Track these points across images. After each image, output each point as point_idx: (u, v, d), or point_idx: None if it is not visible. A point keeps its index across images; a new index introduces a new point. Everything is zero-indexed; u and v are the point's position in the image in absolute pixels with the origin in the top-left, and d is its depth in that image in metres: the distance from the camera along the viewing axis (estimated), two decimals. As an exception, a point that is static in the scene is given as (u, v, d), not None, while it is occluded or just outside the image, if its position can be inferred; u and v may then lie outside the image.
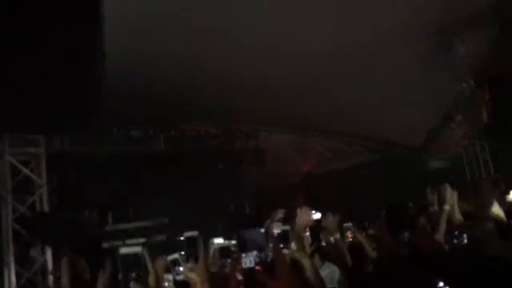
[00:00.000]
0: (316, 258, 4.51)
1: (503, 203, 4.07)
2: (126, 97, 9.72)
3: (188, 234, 3.11)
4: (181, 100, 10.55)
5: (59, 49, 4.59)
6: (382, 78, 10.01)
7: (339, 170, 14.26)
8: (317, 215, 3.74)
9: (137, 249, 7.53)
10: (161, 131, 11.68)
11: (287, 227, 3.14)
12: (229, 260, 3.54)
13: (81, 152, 10.30)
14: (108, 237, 9.88)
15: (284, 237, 3.02)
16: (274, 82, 10.12)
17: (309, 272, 2.78)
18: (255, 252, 2.98)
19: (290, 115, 12.06)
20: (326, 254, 4.72)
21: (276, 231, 3.09)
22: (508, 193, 5.92)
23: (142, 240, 9.75)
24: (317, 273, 2.80)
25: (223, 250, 3.81)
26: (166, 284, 3.95)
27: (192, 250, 2.98)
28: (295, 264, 2.83)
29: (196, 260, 2.89)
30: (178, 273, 3.38)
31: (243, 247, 3.01)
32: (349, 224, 6.07)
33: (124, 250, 8.05)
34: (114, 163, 10.77)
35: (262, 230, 3.10)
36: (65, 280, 3.14)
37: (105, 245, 9.57)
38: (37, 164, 7.93)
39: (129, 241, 9.81)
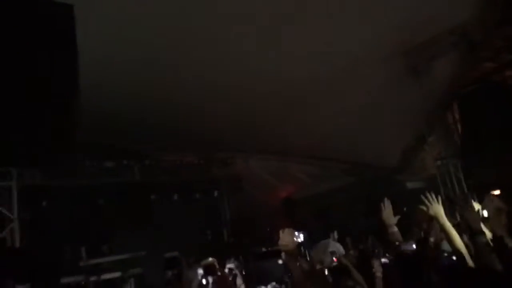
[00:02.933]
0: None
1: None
2: (100, 128, 9.60)
3: (170, 254, 3.04)
4: (155, 130, 10.47)
5: (34, 81, 4.52)
6: (356, 102, 10.16)
7: (316, 194, 14.27)
8: (301, 237, 3.70)
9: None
10: (136, 162, 11.52)
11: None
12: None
13: (54, 185, 10.03)
14: (83, 273, 9.55)
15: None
16: (249, 110, 10.17)
17: None
18: (274, 283, 2.94)
19: (266, 141, 12.10)
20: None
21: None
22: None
23: (118, 274, 9.46)
24: None
25: (207, 268, 3.74)
26: None
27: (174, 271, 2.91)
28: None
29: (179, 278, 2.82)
30: None
31: (262, 278, 2.97)
32: (333, 249, 6.04)
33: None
34: (87, 195, 10.53)
35: (280, 262, 3.06)
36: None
37: (79, 280, 9.25)
38: (7, 198, 7.69)
39: (104, 276, 9.51)
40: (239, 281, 4.09)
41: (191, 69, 8.55)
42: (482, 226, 2.92)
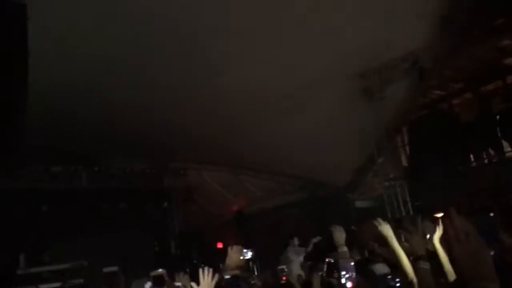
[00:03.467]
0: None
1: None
2: (48, 131, 9.27)
3: (108, 269, 2.94)
4: (106, 136, 10.22)
5: None
6: (311, 120, 10.34)
7: (269, 208, 14.32)
8: (249, 254, 3.68)
9: None
10: (83, 168, 11.16)
11: (236, 272, 3.08)
12: None
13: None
14: (20, 282, 9.10)
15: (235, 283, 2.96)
16: (206, 121, 10.11)
17: None
18: None
19: (221, 154, 12.06)
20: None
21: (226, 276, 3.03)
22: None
23: (57, 284, 9.08)
24: None
25: (156, 279, 3.65)
26: None
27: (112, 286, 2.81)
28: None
29: None
30: None
31: None
32: (283, 266, 6.09)
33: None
34: (30, 200, 10.10)
35: None
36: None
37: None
38: None
39: (43, 286, 9.10)
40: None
41: (148, 75, 8.42)
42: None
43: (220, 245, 12.65)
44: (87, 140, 10.23)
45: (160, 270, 3.96)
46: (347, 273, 2.91)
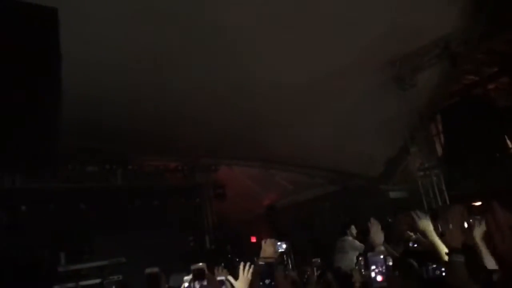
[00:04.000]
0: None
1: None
2: (84, 133, 9.49)
3: (149, 270, 3.00)
4: (140, 136, 10.38)
5: (18, 85, 4.45)
6: (341, 111, 10.23)
7: (300, 202, 14.28)
8: (283, 247, 3.67)
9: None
10: (118, 166, 11.38)
11: (271, 260, 3.07)
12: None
13: (34, 188, 9.85)
14: (61, 278, 9.36)
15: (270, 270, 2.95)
16: (234, 116, 10.15)
17: None
18: None
19: (251, 148, 12.08)
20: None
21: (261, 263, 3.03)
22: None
23: (97, 280, 9.29)
24: None
25: (196, 272, 3.70)
26: None
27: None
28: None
29: None
30: None
31: None
32: (317, 259, 6.05)
33: None
34: (68, 200, 10.37)
35: None
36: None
37: (57, 287, 9.06)
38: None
39: (83, 282, 9.33)
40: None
41: (177, 75, 8.51)
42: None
43: (253, 239, 12.71)
44: (120, 140, 10.43)
45: (200, 264, 4.00)
46: (377, 267, 2.86)
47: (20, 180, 9.78)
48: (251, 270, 3.55)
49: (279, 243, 3.47)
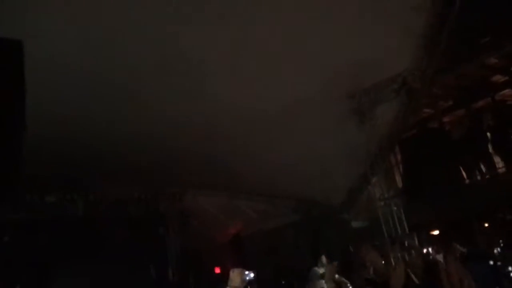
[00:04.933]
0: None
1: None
2: (41, 159, 9.27)
3: None
4: (101, 162, 10.23)
5: None
6: (304, 141, 10.42)
7: (265, 230, 14.30)
8: (251, 275, 3.69)
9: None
10: (79, 196, 11.14)
11: None
12: None
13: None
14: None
15: None
16: (199, 145, 10.17)
17: None
18: None
19: (215, 177, 12.07)
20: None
21: None
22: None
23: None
24: None
25: None
26: None
27: None
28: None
29: None
30: None
31: None
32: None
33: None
34: (27, 231, 10.04)
35: None
36: None
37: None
38: None
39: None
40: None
41: (141, 101, 8.52)
42: None
43: (217, 270, 12.59)
44: (81, 168, 10.23)
45: None
46: None
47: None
48: None
49: (246, 272, 3.51)
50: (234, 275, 3.34)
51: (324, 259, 7.63)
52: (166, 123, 9.30)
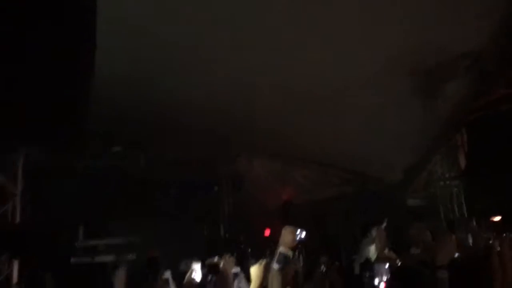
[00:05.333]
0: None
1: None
2: (110, 112, 9.67)
3: (150, 254, 3.12)
4: (162, 124, 10.53)
5: (51, 64, 4.58)
6: (365, 114, 10.21)
7: (316, 200, 14.31)
8: (303, 234, 3.71)
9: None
10: (142, 151, 11.60)
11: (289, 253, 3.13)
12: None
13: (58, 165, 10.15)
14: (78, 253, 9.68)
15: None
16: (259, 110, 10.21)
17: None
18: None
19: (272, 143, 12.14)
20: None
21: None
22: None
23: (111, 258, 9.58)
24: None
25: (211, 267, 3.83)
26: None
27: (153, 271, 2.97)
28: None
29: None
30: None
31: None
32: (325, 257, 6.16)
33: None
34: (90, 178, 10.65)
35: None
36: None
37: (73, 260, 9.38)
38: (13, 173, 7.75)
39: (98, 258, 9.63)
40: (242, 284, 4.18)
41: (202, 67, 8.62)
42: None
43: (267, 233, 12.83)
44: (144, 128, 10.57)
45: (215, 259, 4.12)
46: (380, 275, 2.92)
47: (45, 154, 10.09)
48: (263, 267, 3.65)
49: (298, 231, 3.52)
50: (287, 232, 3.37)
51: (374, 232, 7.57)
52: (225, 88, 9.38)
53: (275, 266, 3.09)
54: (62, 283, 6.67)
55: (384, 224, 6.68)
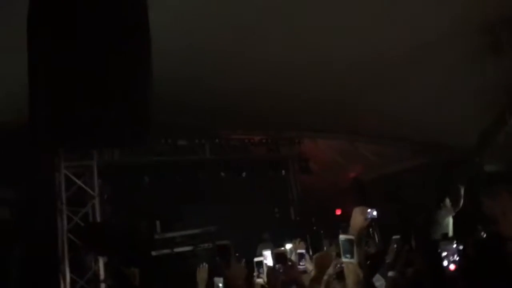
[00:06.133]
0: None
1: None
2: (171, 106, 9.92)
3: (220, 242, 3.16)
4: (225, 110, 10.65)
5: (113, 68, 4.65)
6: (431, 79, 9.72)
7: (386, 174, 13.94)
8: (374, 213, 3.57)
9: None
10: (206, 140, 11.85)
11: (351, 237, 3.06)
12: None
13: (130, 162, 10.62)
14: (157, 246, 10.11)
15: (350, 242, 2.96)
16: (319, 88, 10.04)
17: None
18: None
19: (335, 121, 11.91)
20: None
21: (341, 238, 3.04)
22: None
23: (189, 248, 9.92)
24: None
25: (278, 256, 3.86)
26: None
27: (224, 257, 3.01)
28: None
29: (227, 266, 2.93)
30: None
31: None
32: (397, 237, 5.95)
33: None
34: (162, 172, 11.04)
35: None
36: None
37: (154, 253, 9.80)
38: (89, 176, 8.23)
39: (177, 249, 10.01)
40: (308, 266, 4.16)
41: (258, 47, 8.53)
42: None
43: (338, 212, 12.71)
44: (207, 116, 10.75)
45: (282, 248, 4.13)
46: (448, 255, 2.72)
47: (117, 154, 10.60)
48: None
49: (369, 210, 3.41)
50: (356, 213, 3.27)
51: (448, 201, 7.22)
52: (285, 70, 9.27)
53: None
54: (146, 275, 6.98)
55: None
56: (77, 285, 7.58)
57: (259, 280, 3.99)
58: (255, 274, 3.89)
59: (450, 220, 7.04)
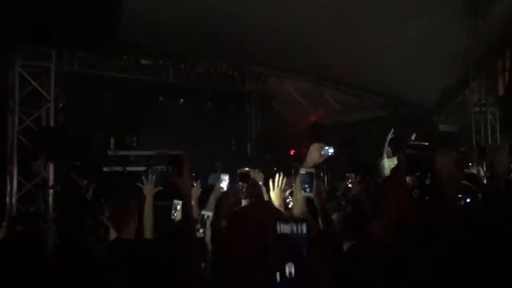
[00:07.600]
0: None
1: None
2: (138, 25, 9.51)
3: (173, 151, 3.09)
4: (193, 35, 10.32)
5: None
6: (402, 36, 9.73)
7: (346, 123, 14.17)
8: (330, 151, 3.60)
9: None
10: (171, 64, 11.53)
11: (312, 170, 3.08)
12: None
13: (90, 74, 10.26)
14: (109, 162, 10.02)
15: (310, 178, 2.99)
16: (292, 26, 9.84)
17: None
18: None
19: (304, 62, 11.83)
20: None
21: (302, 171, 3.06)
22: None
23: (142, 168, 9.90)
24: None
25: (242, 176, 3.91)
26: None
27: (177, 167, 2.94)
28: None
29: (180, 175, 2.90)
30: None
31: None
32: (351, 174, 6.19)
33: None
34: (121, 89, 10.77)
35: None
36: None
37: (105, 169, 9.74)
38: (46, 79, 7.83)
39: (130, 168, 9.97)
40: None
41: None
42: None
43: (292, 152, 12.93)
44: (174, 39, 10.40)
45: (246, 168, 4.17)
46: None
47: (77, 64, 10.19)
48: (284, 181, 3.67)
49: (326, 148, 3.44)
50: (313, 149, 3.30)
51: (389, 149, 7.50)
52: (260, 2, 9.01)
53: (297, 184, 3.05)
54: (94, 188, 6.96)
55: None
56: (24, 188, 7.45)
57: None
58: (197, 226, 3.84)
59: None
